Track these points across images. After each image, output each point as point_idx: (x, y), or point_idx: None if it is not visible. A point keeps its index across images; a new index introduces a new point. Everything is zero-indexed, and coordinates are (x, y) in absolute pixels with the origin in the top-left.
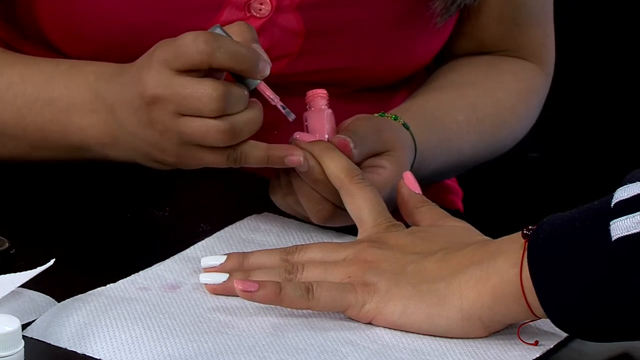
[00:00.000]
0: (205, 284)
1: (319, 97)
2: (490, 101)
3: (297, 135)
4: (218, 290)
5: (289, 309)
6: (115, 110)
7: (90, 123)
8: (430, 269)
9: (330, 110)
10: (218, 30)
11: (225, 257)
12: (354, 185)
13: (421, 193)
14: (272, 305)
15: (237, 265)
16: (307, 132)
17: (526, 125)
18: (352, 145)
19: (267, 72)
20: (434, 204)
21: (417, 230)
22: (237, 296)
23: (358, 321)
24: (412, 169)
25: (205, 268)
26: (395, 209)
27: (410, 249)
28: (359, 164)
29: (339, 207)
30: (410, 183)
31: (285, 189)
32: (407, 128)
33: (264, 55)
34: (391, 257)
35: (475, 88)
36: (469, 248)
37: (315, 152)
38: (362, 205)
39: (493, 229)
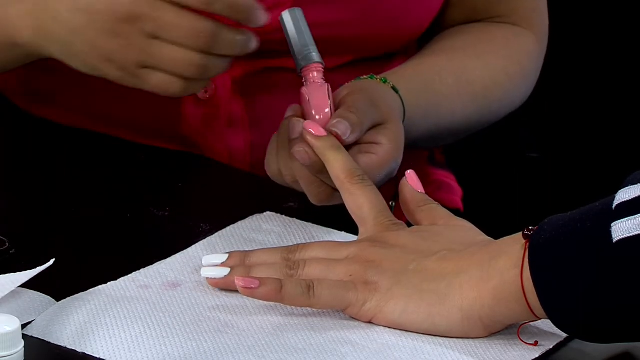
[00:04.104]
0: (207, 277)
1: (315, 71)
2: (480, 64)
3: (309, 127)
4: (220, 285)
5: (288, 308)
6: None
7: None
8: (431, 268)
9: (328, 84)
10: None
11: (226, 255)
12: (354, 185)
13: (424, 192)
14: (272, 305)
15: (239, 263)
16: (309, 108)
17: (522, 88)
18: (347, 137)
19: (262, 22)
20: (436, 203)
21: (419, 229)
22: (238, 294)
23: (358, 320)
24: None
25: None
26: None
27: (412, 248)
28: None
29: (336, 190)
30: (413, 182)
31: (283, 169)
32: (397, 91)
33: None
34: (392, 257)
35: (465, 52)
36: (471, 248)
37: (319, 150)
38: (363, 205)
39: (493, 228)
